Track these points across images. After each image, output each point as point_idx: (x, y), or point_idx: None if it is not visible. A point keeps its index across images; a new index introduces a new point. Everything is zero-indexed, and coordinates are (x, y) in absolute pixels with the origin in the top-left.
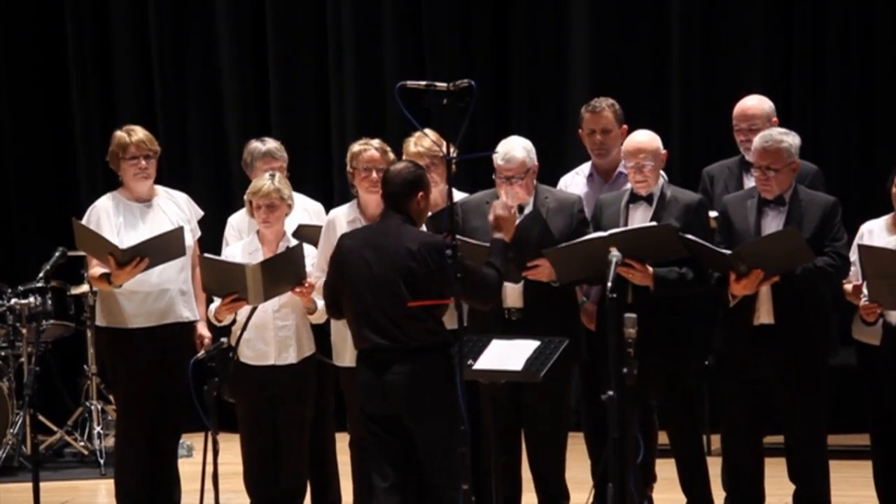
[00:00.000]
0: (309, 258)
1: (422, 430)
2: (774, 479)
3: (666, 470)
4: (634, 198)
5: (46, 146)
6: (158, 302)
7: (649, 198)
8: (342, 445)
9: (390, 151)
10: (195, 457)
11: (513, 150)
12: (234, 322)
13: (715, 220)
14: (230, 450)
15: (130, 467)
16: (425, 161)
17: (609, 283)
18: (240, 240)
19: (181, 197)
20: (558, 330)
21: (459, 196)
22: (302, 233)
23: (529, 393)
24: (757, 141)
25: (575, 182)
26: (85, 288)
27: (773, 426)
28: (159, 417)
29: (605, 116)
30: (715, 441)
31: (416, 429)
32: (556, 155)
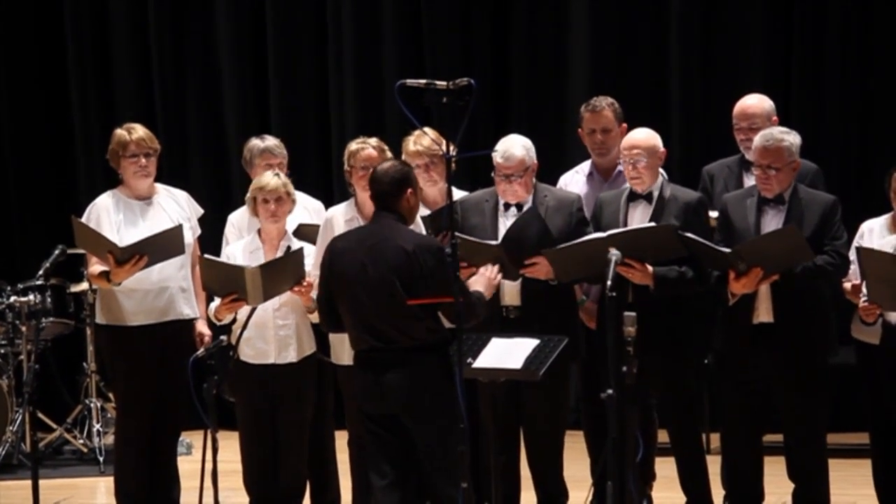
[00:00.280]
0: (308, 257)
1: (420, 429)
2: (773, 477)
3: (665, 468)
4: (634, 196)
5: (46, 144)
6: (158, 299)
7: (648, 196)
8: (341, 444)
9: (388, 150)
10: (194, 455)
11: (512, 149)
12: (234, 321)
13: (715, 219)
14: (229, 448)
15: (130, 465)
16: (424, 160)
17: (608, 282)
18: (240, 238)
19: (181, 195)
20: (556, 328)
21: (459, 195)
22: (302, 232)
23: (528, 391)
24: (758, 140)
25: (574, 181)
26: (84, 286)
27: (772, 425)
28: (159, 415)
29: (604, 115)
30: (714, 440)
31: (415, 428)
32: (555, 153)
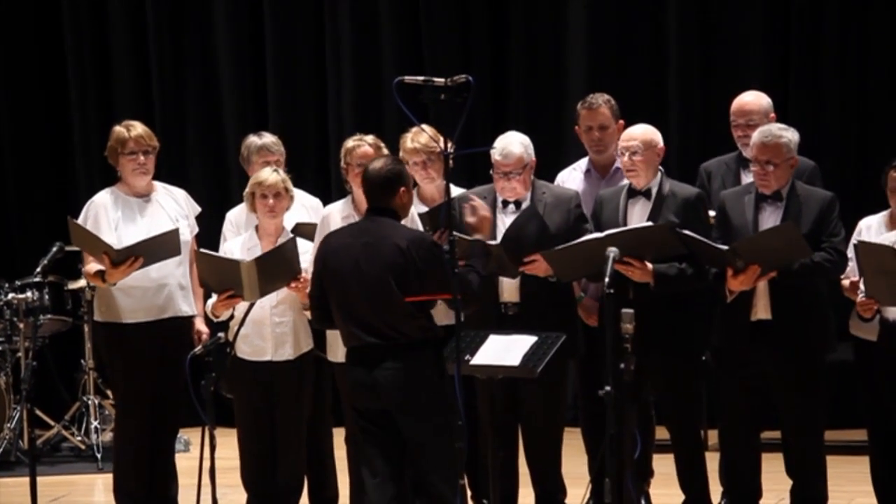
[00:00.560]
0: (306, 254)
1: (413, 425)
2: (772, 474)
3: (663, 465)
4: (633, 193)
5: (45, 141)
6: (157, 297)
7: (647, 192)
8: (339, 441)
9: (384, 147)
10: (192, 451)
11: (510, 146)
12: (231, 317)
13: (714, 217)
14: (227, 445)
15: (128, 462)
16: (422, 157)
17: (606, 280)
18: (238, 235)
19: (179, 193)
20: (555, 325)
21: (457, 192)
22: (301, 230)
23: (527, 388)
24: (756, 136)
25: (572, 177)
26: (82, 283)
27: (770, 422)
28: (157, 412)
29: (601, 112)
30: (712, 437)
31: (408, 424)
32: (553, 150)
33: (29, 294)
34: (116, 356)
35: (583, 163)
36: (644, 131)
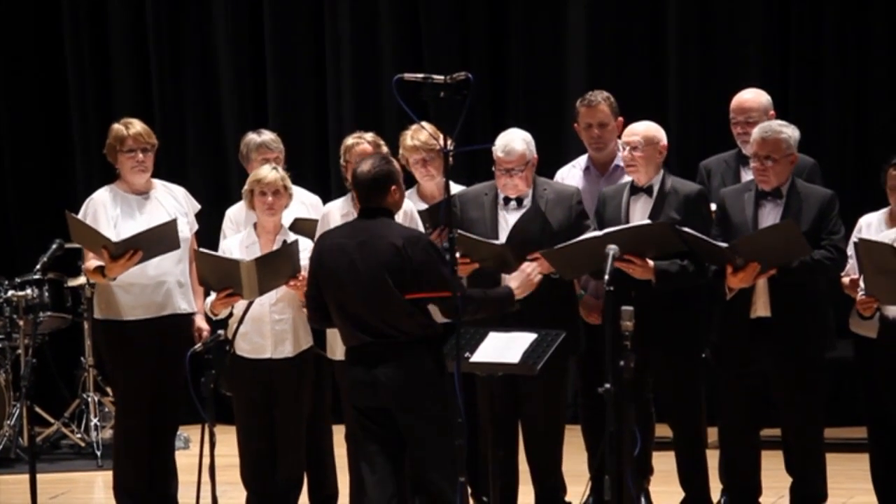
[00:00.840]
0: (305, 251)
1: (412, 423)
2: (771, 472)
3: (663, 463)
4: (635, 190)
5: (44, 139)
6: (156, 294)
7: (649, 189)
8: (339, 438)
9: (384, 145)
10: (192, 449)
11: (512, 143)
12: (230, 315)
13: (714, 212)
14: (227, 442)
15: (128, 460)
16: (422, 155)
17: (606, 277)
18: (237, 233)
19: (178, 190)
20: (556, 322)
21: (456, 189)
22: (298, 226)
23: (527, 385)
24: (756, 131)
25: (571, 175)
26: (82, 280)
27: (770, 419)
28: (157, 410)
29: (600, 110)
30: (712, 434)
31: (409, 423)
32: (552, 148)
33: (29, 291)
34: (116, 353)
35: (582, 160)
36: (647, 128)
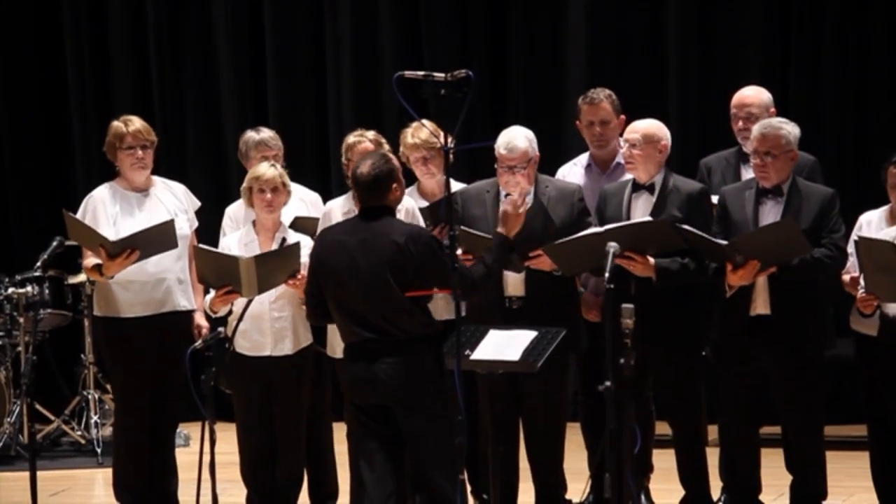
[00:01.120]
0: (305, 249)
1: (412, 420)
2: (771, 469)
3: (663, 460)
4: (637, 187)
5: (44, 136)
6: (155, 291)
7: (651, 187)
8: (340, 436)
9: (385, 143)
10: (192, 446)
11: (515, 140)
12: (230, 313)
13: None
14: (227, 439)
15: (128, 457)
16: (422, 153)
17: (607, 274)
18: (237, 230)
19: (178, 187)
20: (559, 319)
21: (457, 186)
22: (299, 224)
23: (528, 383)
24: (756, 128)
25: (573, 172)
26: (82, 277)
27: (770, 417)
28: (156, 407)
29: (603, 108)
30: (712, 432)
31: (409, 420)
32: (553, 146)
33: (29, 289)
34: (114, 350)
35: (583, 158)
36: (648, 126)
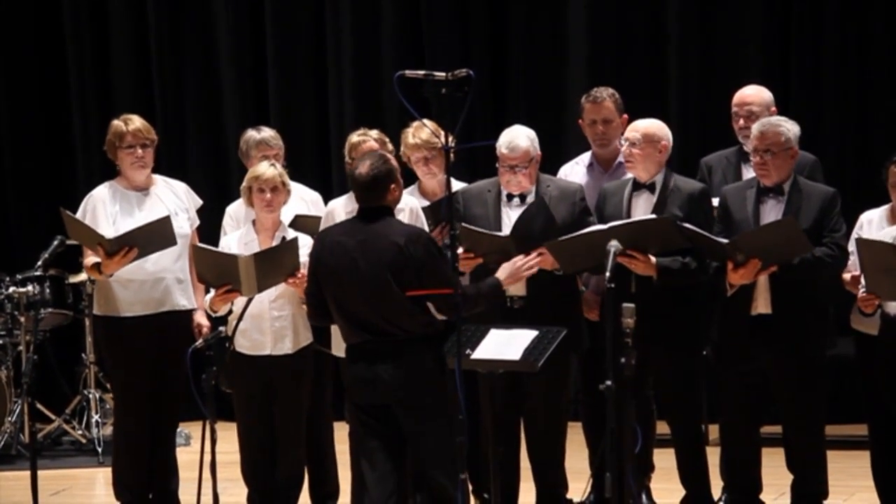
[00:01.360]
0: (305, 248)
1: (413, 420)
2: (772, 469)
3: (664, 460)
4: (637, 186)
5: (45, 135)
6: (154, 290)
7: (651, 186)
8: (342, 435)
9: (389, 142)
10: (193, 445)
11: (517, 139)
12: (230, 312)
13: (715, 209)
14: (228, 439)
15: (127, 456)
16: (423, 153)
17: (608, 273)
18: (237, 229)
19: (180, 186)
20: (560, 319)
21: (458, 186)
22: (300, 223)
23: (528, 382)
24: (755, 126)
25: (575, 171)
26: (83, 276)
27: (770, 416)
28: (156, 406)
29: (605, 106)
30: (712, 431)
31: (410, 420)
32: (554, 144)
33: (30, 288)
34: (114, 349)
35: (585, 157)
36: (648, 125)
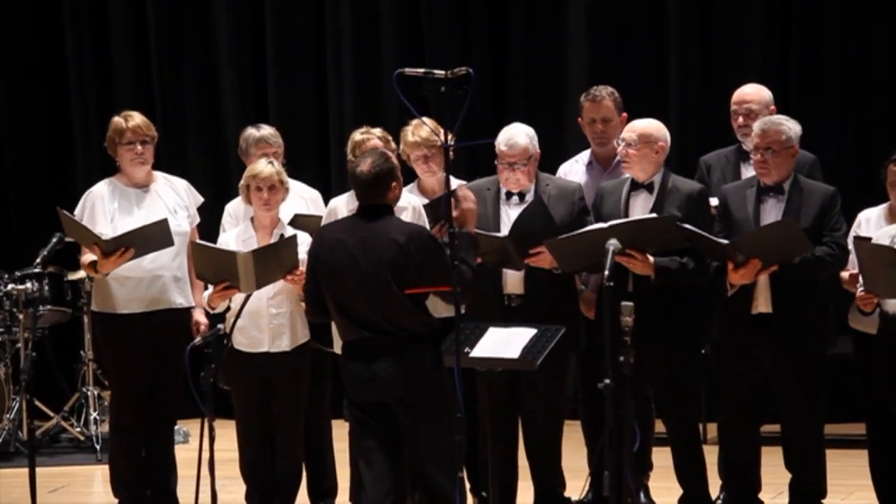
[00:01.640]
0: (304, 246)
1: (413, 419)
2: (771, 467)
3: (662, 458)
4: (635, 186)
5: (44, 132)
6: (151, 288)
7: (650, 186)
8: (341, 433)
9: (392, 140)
10: (191, 443)
11: (516, 136)
12: (228, 309)
13: (715, 208)
14: (226, 436)
15: (123, 453)
16: (423, 151)
17: (606, 272)
18: (236, 227)
19: (180, 183)
20: (558, 317)
21: (457, 184)
22: (299, 222)
23: (527, 381)
24: (757, 124)
25: (574, 170)
26: (82, 274)
27: (769, 415)
28: (154, 404)
29: (605, 105)
30: (711, 430)
31: (408, 418)
32: (553, 143)
33: (29, 285)
34: (112, 346)
35: (585, 155)
36: (645, 125)
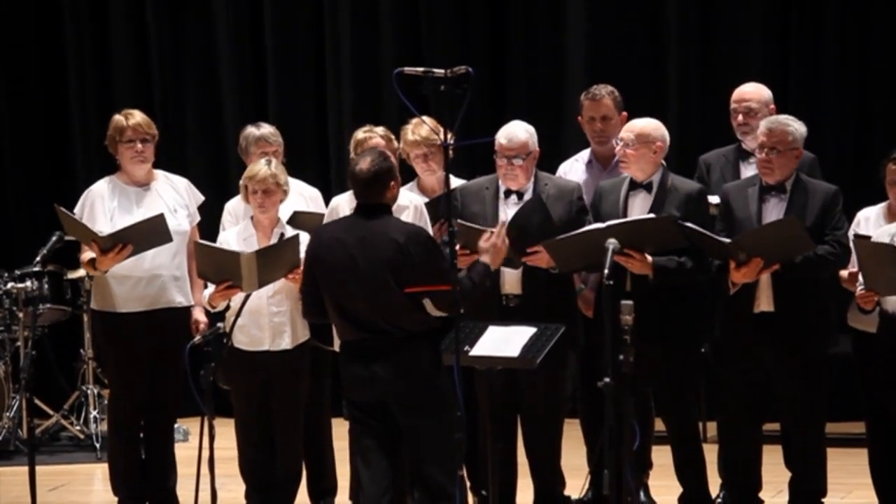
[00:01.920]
0: (304, 244)
1: (410, 418)
2: (771, 466)
3: (662, 457)
4: (634, 185)
5: (44, 130)
6: (150, 287)
7: (648, 186)
8: (341, 431)
9: (394, 139)
10: (191, 442)
11: (516, 130)
12: (228, 308)
13: (716, 206)
14: (226, 435)
15: (122, 452)
16: (423, 150)
17: (606, 271)
18: (236, 225)
19: (181, 182)
20: (556, 317)
21: (457, 183)
22: (298, 220)
23: (527, 380)
24: (763, 123)
25: (574, 169)
26: (82, 272)
27: (769, 414)
28: (153, 402)
29: (604, 104)
30: (711, 429)
31: (407, 417)
32: (553, 142)
33: (28, 283)
34: (111, 345)
35: (584, 154)
36: (643, 125)
